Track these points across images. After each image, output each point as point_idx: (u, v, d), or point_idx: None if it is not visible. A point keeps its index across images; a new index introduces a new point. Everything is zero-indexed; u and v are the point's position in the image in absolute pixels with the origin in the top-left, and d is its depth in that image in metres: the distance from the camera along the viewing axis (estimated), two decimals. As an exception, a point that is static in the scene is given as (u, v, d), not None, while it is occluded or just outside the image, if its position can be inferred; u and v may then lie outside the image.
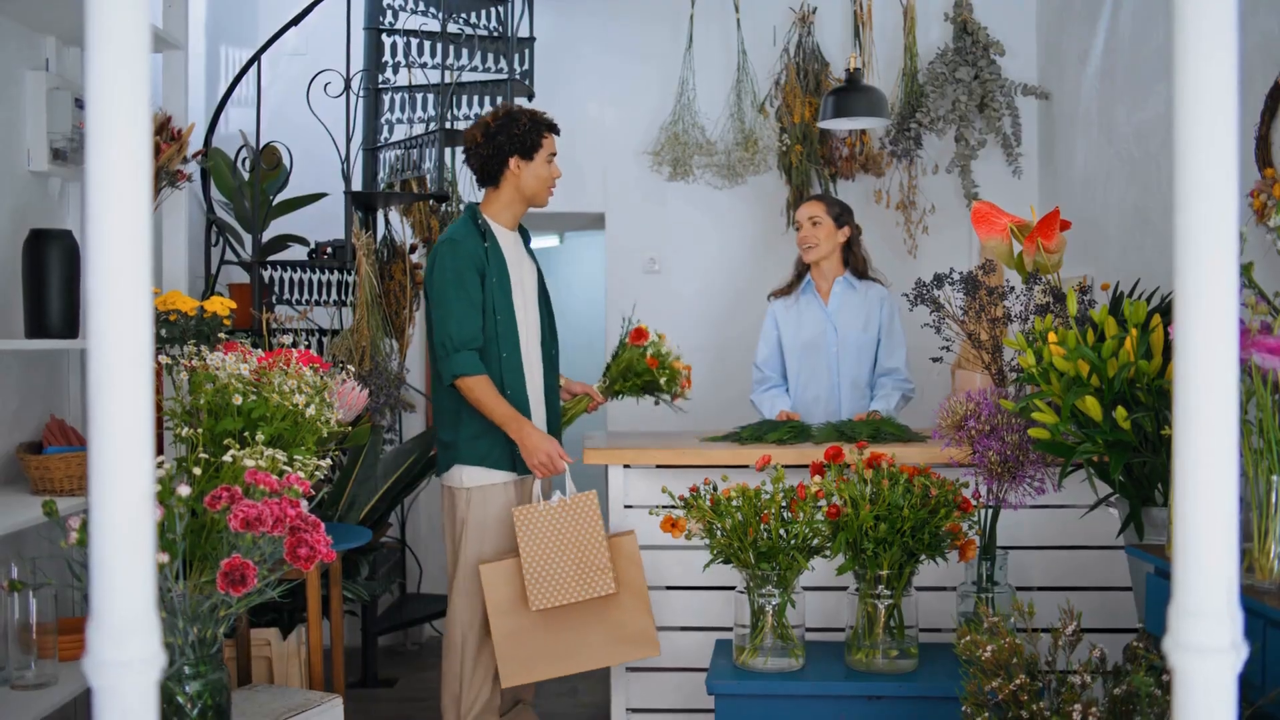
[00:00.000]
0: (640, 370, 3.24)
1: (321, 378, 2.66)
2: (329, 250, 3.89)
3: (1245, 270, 2.03)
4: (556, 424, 3.13)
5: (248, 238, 3.95)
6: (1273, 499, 1.92)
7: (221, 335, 2.85)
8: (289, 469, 2.40)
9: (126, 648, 0.93)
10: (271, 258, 3.94)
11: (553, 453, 2.92)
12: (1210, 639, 0.92)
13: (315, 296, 4.00)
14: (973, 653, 2.24)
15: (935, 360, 3.15)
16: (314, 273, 4.00)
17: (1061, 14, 4.40)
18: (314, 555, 2.08)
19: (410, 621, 4.24)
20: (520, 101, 4.42)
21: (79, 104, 3.08)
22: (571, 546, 2.87)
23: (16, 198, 2.96)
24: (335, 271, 4.05)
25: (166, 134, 3.15)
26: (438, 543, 4.64)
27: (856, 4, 4.58)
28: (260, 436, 2.43)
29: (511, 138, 2.99)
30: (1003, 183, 4.53)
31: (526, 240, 3.18)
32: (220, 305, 3.08)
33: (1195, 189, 0.88)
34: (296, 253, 4.16)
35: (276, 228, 4.09)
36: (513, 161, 3.01)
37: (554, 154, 3.07)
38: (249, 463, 2.25)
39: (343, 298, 4.05)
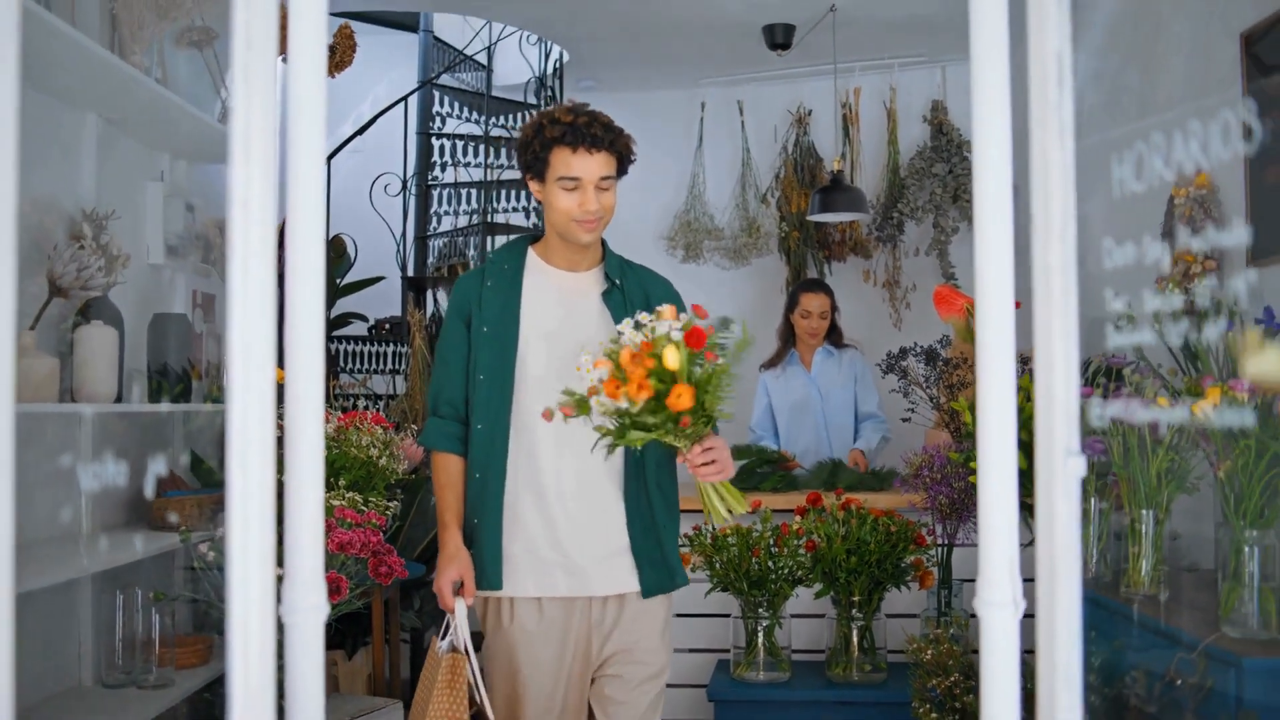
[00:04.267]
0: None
1: (389, 435, 3.25)
2: (388, 326, 4.52)
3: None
4: (604, 546, 2.21)
5: (315, 315, 4.58)
6: (1140, 529, 2.45)
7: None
8: (365, 508, 2.98)
9: (307, 597, 1.53)
10: (336, 333, 4.57)
11: (443, 587, 2.18)
12: (1000, 596, 1.48)
13: (373, 366, 4.62)
14: (918, 656, 2.76)
15: (905, 420, 3.70)
16: (373, 345, 4.62)
17: (1025, 117, 5.00)
18: (391, 573, 2.65)
19: (451, 654, 4.77)
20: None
21: (189, 208, 3.73)
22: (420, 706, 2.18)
23: (140, 287, 3.60)
24: (391, 344, 4.67)
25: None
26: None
27: (845, 107, 5.21)
28: (342, 481, 3.01)
29: (522, 154, 2.25)
30: (978, 263, 5.11)
31: (620, 287, 2.32)
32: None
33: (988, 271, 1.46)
34: (357, 328, 4.78)
35: (340, 306, 4.72)
36: (533, 185, 2.26)
37: (573, 178, 2.17)
38: (335, 502, 2.83)
39: (397, 367, 4.67)
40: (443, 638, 2.19)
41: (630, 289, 2.33)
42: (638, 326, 1.91)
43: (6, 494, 0.81)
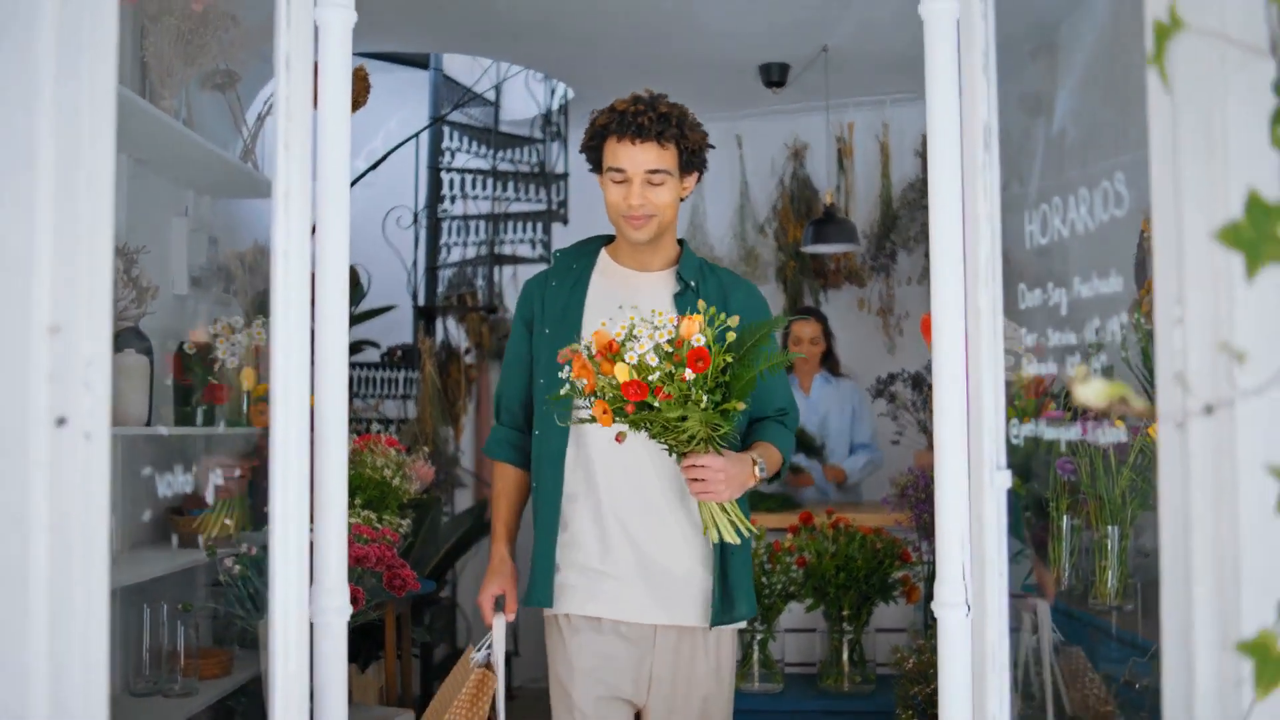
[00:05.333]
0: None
1: (401, 456, 3.42)
2: (399, 352, 4.71)
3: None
4: (670, 568, 2.06)
5: (330, 342, 4.80)
6: (1107, 545, 2.61)
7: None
8: (380, 525, 3.15)
9: (333, 600, 1.70)
10: (350, 359, 4.76)
11: (483, 601, 2.14)
12: (954, 598, 1.65)
13: (385, 391, 4.80)
14: (902, 666, 2.92)
15: (894, 443, 3.87)
16: (384, 370, 4.80)
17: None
18: (405, 585, 2.82)
19: (459, 670, 4.93)
20: (555, 227, 5.28)
21: (212, 241, 3.93)
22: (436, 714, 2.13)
23: (166, 317, 3.79)
24: (403, 370, 4.85)
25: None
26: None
27: (840, 141, 5.41)
28: (357, 500, 3.19)
29: (585, 148, 2.15)
30: (969, 291, 5.30)
31: (695, 290, 2.12)
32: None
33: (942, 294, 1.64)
34: (369, 355, 4.97)
35: (354, 334, 4.91)
36: (599, 179, 2.14)
37: (619, 169, 2.04)
38: (351, 520, 3.01)
39: (408, 392, 4.85)
40: (479, 649, 2.12)
41: (708, 292, 2.12)
42: (643, 322, 1.84)
43: (101, 515, 0.99)
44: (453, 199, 5.15)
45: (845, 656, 3.35)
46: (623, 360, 1.79)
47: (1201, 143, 0.85)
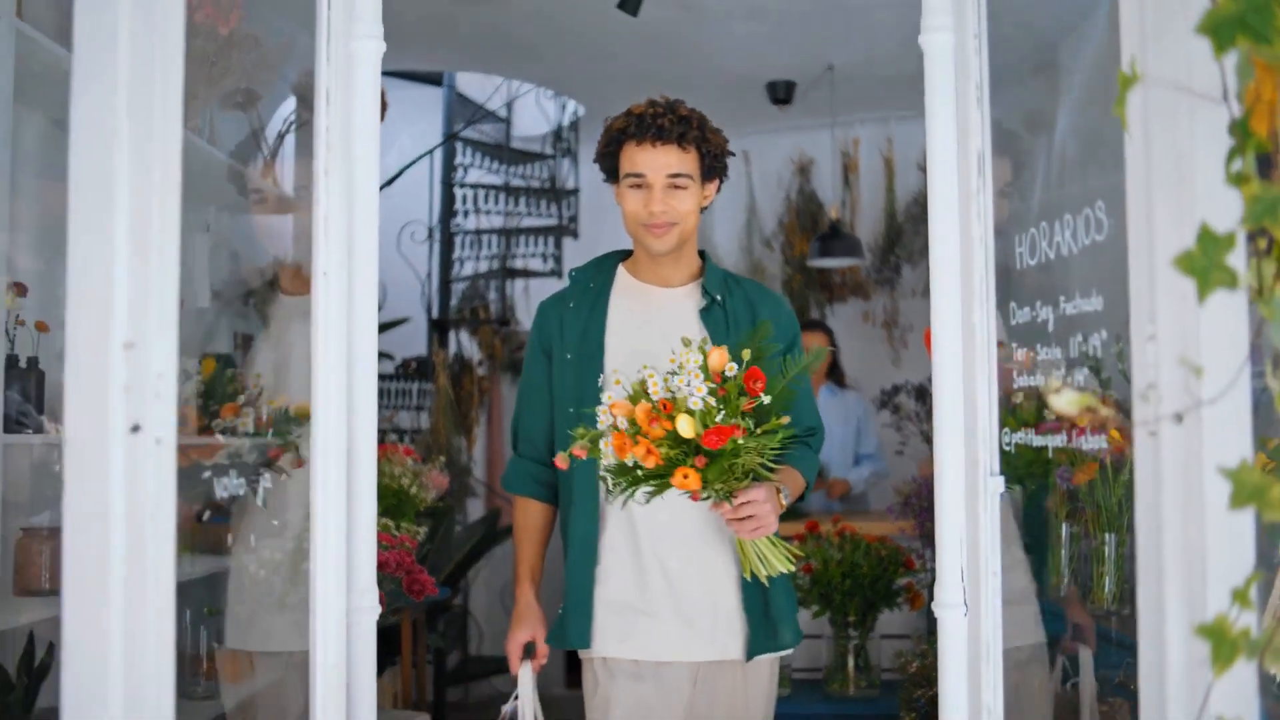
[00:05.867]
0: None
1: (418, 466, 3.52)
2: (414, 364, 4.80)
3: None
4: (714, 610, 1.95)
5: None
6: (1105, 552, 2.69)
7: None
8: (398, 533, 3.24)
9: (364, 599, 1.79)
10: (365, 370, 4.86)
11: (512, 649, 2.00)
12: (953, 598, 1.74)
13: (400, 402, 4.90)
14: (905, 670, 3.00)
15: (898, 453, 3.96)
16: (399, 382, 4.90)
17: (1016, 165, 5.30)
18: (424, 590, 2.91)
19: (471, 677, 5.02)
20: (566, 242, 5.38)
21: (233, 256, 4.04)
22: None
23: (189, 327, 3.90)
24: (417, 382, 4.95)
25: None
26: (495, 608, 5.43)
27: (845, 156, 5.51)
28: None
29: (600, 159, 2.05)
30: (973, 304, 5.39)
31: (720, 304, 2.01)
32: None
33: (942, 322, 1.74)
34: (384, 366, 5.07)
35: (368, 346, 5.02)
36: (615, 192, 2.03)
37: (638, 174, 1.94)
38: (371, 527, 3.10)
39: (422, 403, 4.95)
40: (509, 701, 1.97)
41: (735, 307, 2.01)
42: (670, 375, 1.68)
43: (168, 514, 1.08)
44: (466, 214, 5.25)
45: (851, 662, 3.43)
46: (686, 413, 1.61)
47: (1171, 177, 0.94)
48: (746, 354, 1.71)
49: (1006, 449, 1.46)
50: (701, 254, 2.09)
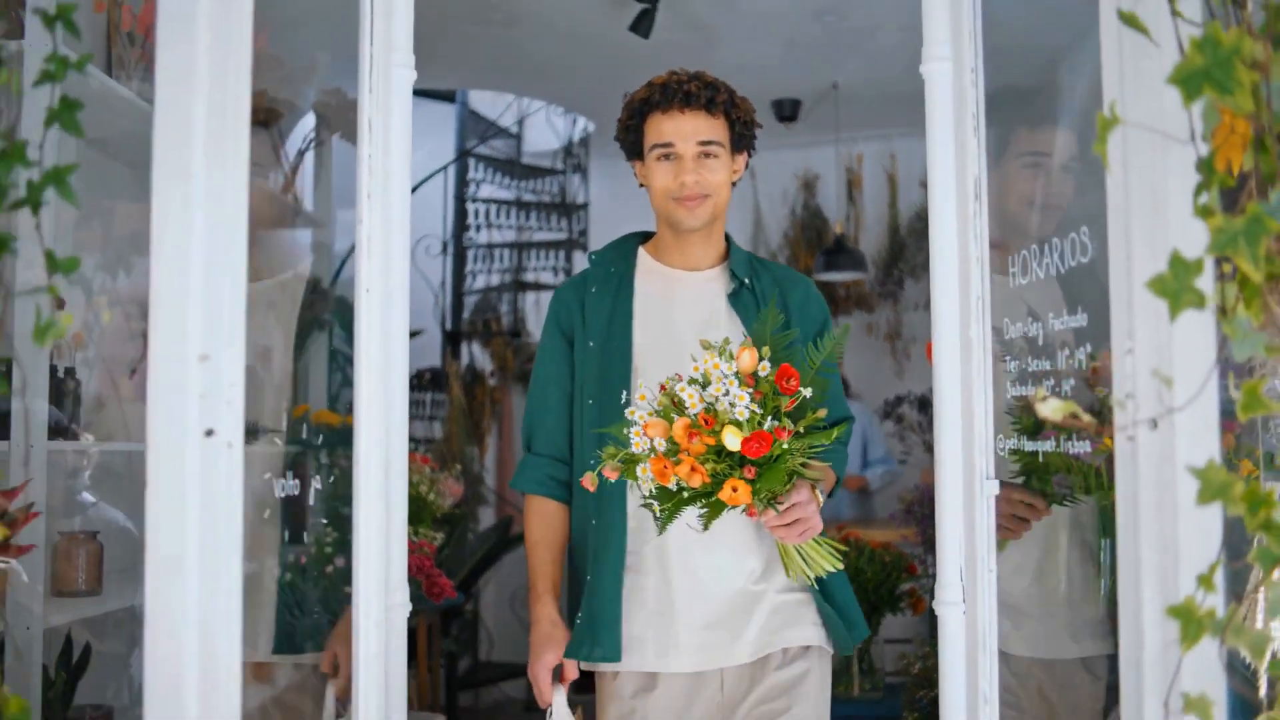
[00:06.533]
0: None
1: (435, 473, 3.62)
2: (428, 375, 4.92)
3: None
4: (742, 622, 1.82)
5: (360, 365, 5.03)
6: (1101, 558, 2.79)
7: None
8: (415, 538, 3.35)
9: (396, 596, 1.89)
10: (379, 381, 4.97)
11: (538, 674, 1.82)
12: (952, 597, 1.83)
13: (414, 412, 5.01)
14: (908, 671, 3.10)
15: (901, 462, 4.06)
16: (413, 392, 5.01)
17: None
18: (443, 593, 3.01)
19: (482, 683, 5.12)
20: (577, 255, 5.50)
21: (254, 269, 4.15)
22: None
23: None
24: (430, 392, 5.06)
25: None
26: (505, 614, 5.53)
27: (849, 172, 5.63)
28: (396, 515, 3.39)
29: (621, 137, 1.95)
30: (974, 316, 5.51)
31: (749, 287, 1.90)
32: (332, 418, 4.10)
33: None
34: (398, 377, 5.18)
35: (383, 357, 5.13)
36: (637, 170, 1.95)
37: (666, 143, 1.84)
38: (391, 533, 3.20)
39: (435, 414, 5.06)
40: None
41: (764, 290, 1.88)
42: (704, 384, 1.56)
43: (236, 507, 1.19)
44: (478, 228, 5.37)
45: (855, 665, 3.52)
46: (732, 424, 1.51)
47: (1147, 208, 1.05)
48: (766, 351, 1.59)
49: (1000, 453, 1.56)
50: (726, 236, 1.97)
